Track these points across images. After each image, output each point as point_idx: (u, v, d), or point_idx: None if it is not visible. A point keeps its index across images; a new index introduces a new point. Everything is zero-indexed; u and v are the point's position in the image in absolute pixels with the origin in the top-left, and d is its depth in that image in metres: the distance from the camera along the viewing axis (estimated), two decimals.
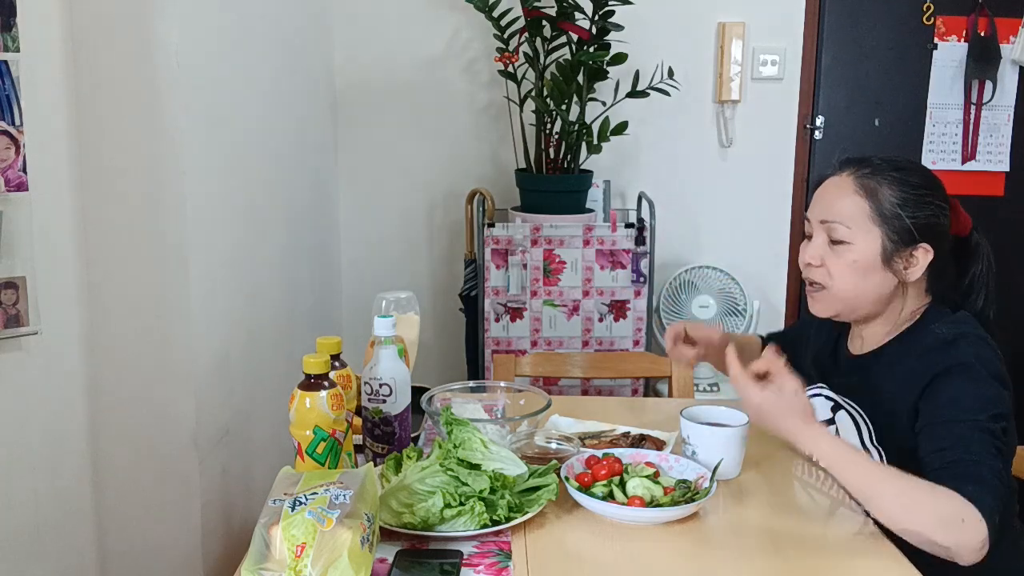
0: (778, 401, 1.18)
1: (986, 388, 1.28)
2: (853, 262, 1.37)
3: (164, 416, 1.53)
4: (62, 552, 1.42)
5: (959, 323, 1.37)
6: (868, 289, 1.38)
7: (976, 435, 1.24)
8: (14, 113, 1.23)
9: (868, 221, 1.36)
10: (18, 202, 1.25)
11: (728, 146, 3.02)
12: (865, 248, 1.36)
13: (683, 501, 1.27)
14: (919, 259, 1.37)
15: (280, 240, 2.19)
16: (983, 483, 1.18)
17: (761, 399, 1.18)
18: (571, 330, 2.64)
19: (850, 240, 1.37)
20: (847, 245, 1.37)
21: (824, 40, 2.98)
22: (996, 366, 1.31)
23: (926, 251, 1.37)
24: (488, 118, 2.99)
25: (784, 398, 1.18)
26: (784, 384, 1.18)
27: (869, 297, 1.39)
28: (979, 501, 1.15)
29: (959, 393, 1.28)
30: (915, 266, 1.38)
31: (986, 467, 1.21)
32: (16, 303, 1.26)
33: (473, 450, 1.26)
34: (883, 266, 1.37)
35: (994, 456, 1.23)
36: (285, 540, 1.00)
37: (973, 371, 1.29)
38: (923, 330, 1.39)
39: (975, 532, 1.14)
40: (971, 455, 1.22)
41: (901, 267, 1.37)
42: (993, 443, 1.24)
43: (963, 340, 1.33)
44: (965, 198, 1.37)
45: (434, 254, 3.08)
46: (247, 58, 1.92)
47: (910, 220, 1.36)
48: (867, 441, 1.40)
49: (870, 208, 1.36)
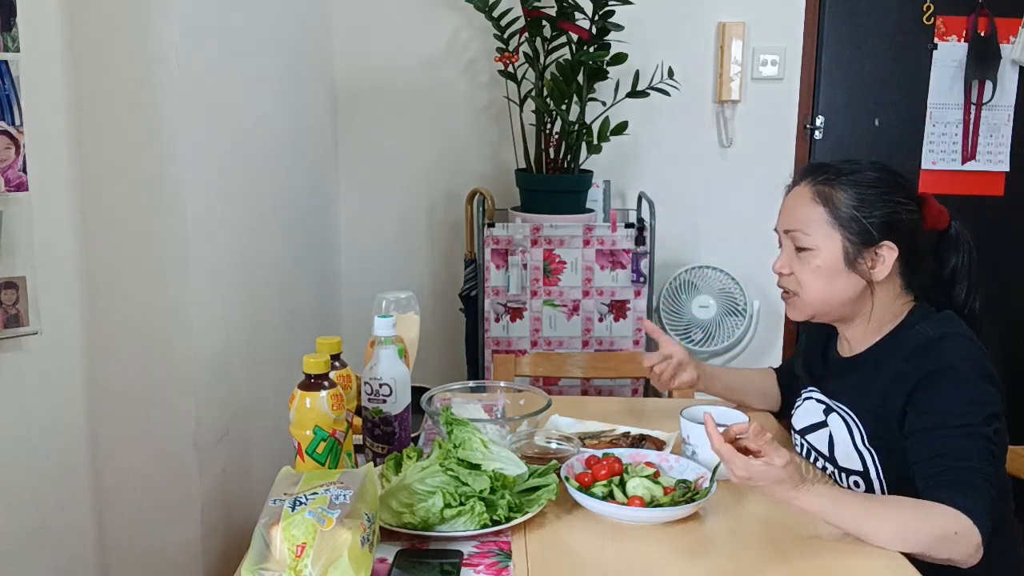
0: (767, 474, 1.18)
1: (976, 391, 1.28)
2: (817, 267, 1.40)
3: (164, 416, 1.53)
4: (62, 552, 1.42)
5: (944, 323, 1.37)
6: (836, 292, 1.40)
7: (968, 441, 1.24)
8: (14, 113, 1.23)
9: (827, 226, 1.39)
10: (18, 202, 1.25)
11: (728, 146, 3.02)
12: (827, 253, 1.39)
13: (683, 501, 1.27)
14: (884, 257, 1.38)
15: (280, 240, 2.19)
16: (975, 490, 1.20)
17: (749, 473, 1.18)
18: (571, 330, 2.64)
19: (812, 246, 1.40)
20: (811, 251, 1.40)
21: (824, 40, 2.98)
22: (984, 365, 1.31)
23: (891, 249, 1.38)
24: (488, 118, 2.99)
25: (773, 471, 1.18)
26: (774, 459, 1.18)
27: (839, 299, 1.41)
28: (971, 510, 1.17)
29: (949, 398, 1.28)
30: (881, 264, 1.38)
31: (979, 473, 1.22)
32: (16, 303, 1.26)
33: (473, 450, 1.26)
34: (847, 268, 1.38)
35: (987, 461, 1.24)
36: (285, 540, 1.00)
37: (961, 373, 1.29)
38: (908, 330, 1.40)
39: (967, 542, 1.17)
40: (963, 462, 1.23)
41: (867, 267, 1.38)
42: (986, 447, 1.25)
43: (948, 341, 1.33)
44: (965, 198, 1.37)
45: (434, 254, 3.08)
46: (247, 58, 1.92)
47: (867, 220, 1.37)
48: (859, 443, 1.40)
49: (827, 213, 1.39)
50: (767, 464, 1.17)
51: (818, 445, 1.48)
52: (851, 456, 1.41)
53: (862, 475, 1.40)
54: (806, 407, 1.53)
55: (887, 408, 1.35)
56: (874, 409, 1.38)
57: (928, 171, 3.04)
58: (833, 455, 1.44)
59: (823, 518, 1.21)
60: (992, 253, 3.08)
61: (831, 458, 1.45)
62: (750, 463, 1.17)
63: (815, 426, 1.49)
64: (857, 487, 1.41)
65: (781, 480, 1.18)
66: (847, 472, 1.42)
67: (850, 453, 1.41)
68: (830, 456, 1.45)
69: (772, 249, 1.49)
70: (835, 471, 1.45)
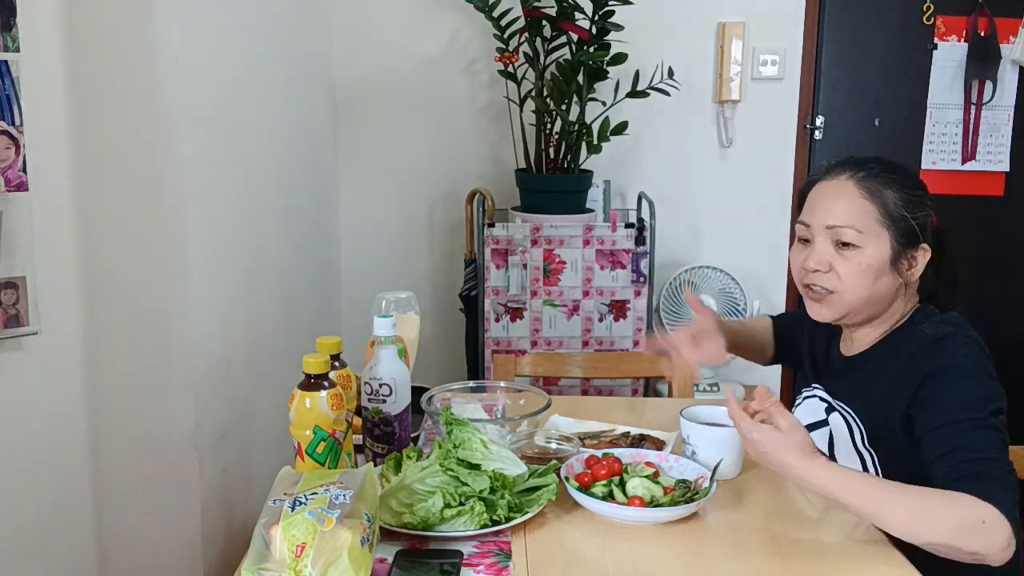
0: (775, 436, 1.18)
1: (982, 386, 1.28)
2: (866, 266, 1.35)
3: (164, 416, 1.53)
4: (62, 552, 1.42)
5: (947, 323, 1.37)
6: (877, 292, 1.38)
7: (981, 433, 1.24)
8: (14, 113, 1.23)
9: (877, 224, 1.35)
10: (18, 202, 1.25)
11: (728, 146, 3.02)
12: (875, 251, 1.35)
13: (683, 501, 1.27)
14: (919, 259, 1.38)
15: (280, 240, 2.19)
16: (996, 480, 1.17)
17: (759, 435, 1.18)
18: (571, 330, 2.64)
19: (860, 244, 1.35)
20: (857, 249, 1.36)
21: (824, 40, 2.98)
22: (986, 364, 1.31)
23: (925, 251, 1.38)
24: (488, 118, 2.98)
25: (781, 434, 1.18)
26: (779, 421, 1.18)
27: (876, 299, 1.39)
28: (996, 499, 1.14)
29: (958, 394, 1.28)
30: (916, 266, 1.38)
31: (997, 463, 1.20)
32: (16, 303, 1.26)
33: (473, 450, 1.26)
34: (891, 269, 1.37)
35: (1001, 451, 1.23)
36: (285, 540, 1.00)
37: (965, 370, 1.29)
38: (911, 330, 1.39)
39: (999, 531, 1.12)
40: (979, 453, 1.21)
41: (905, 268, 1.38)
42: (1000, 438, 1.24)
43: (951, 340, 1.33)
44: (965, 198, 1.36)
45: (434, 254, 3.08)
46: (247, 58, 1.92)
47: (914, 221, 1.36)
48: (859, 443, 1.40)
49: (878, 211, 1.35)
50: (774, 429, 1.18)
51: (818, 444, 1.48)
52: (851, 456, 1.41)
53: None
54: (808, 405, 1.53)
55: (889, 409, 1.35)
56: (875, 409, 1.38)
57: (928, 171, 3.04)
58: (833, 454, 1.44)
59: (832, 495, 1.17)
60: (992, 253, 3.10)
61: (831, 457, 1.45)
62: (760, 425, 1.18)
63: (816, 424, 1.49)
64: None
65: (789, 446, 1.17)
66: None
67: (850, 454, 1.41)
68: (830, 455, 1.45)
69: (772, 249, 1.49)
70: None
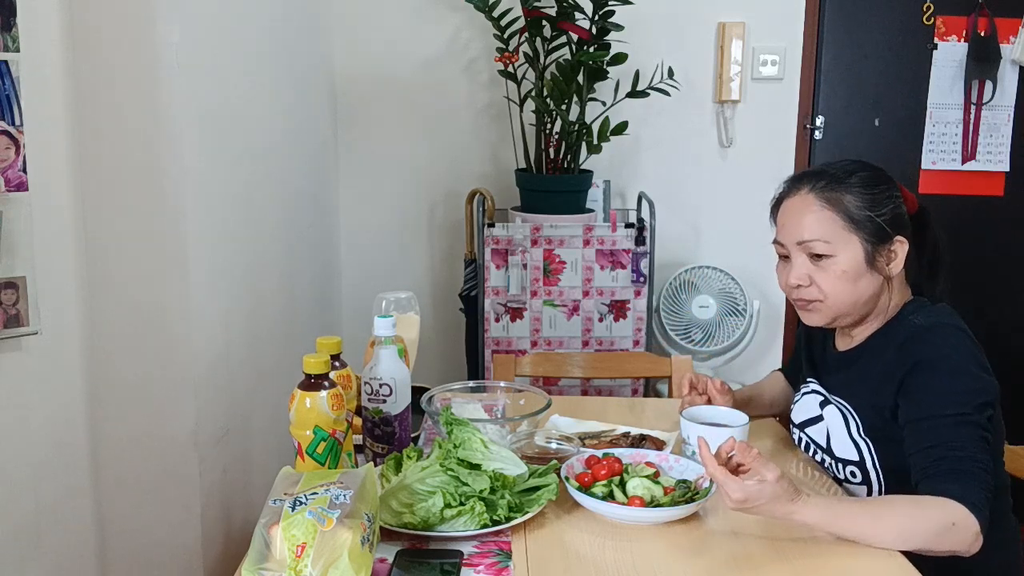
0: (763, 490, 1.17)
1: (967, 379, 1.29)
2: (842, 272, 1.38)
3: (164, 416, 1.53)
4: (62, 552, 1.42)
5: (937, 314, 1.40)
6: (861, 293, 1.40)
7: (961, 430, 1.26)
8: (14, 113, 1.23)
9: (843, 231, 1.38)
10: (18, 202, 1.25)
11: (728, 146, 3.02)
12: (848, 256, 1.38)
13: (683, 501, 1.27)
14: (897, 252, 1.40)
15: (280, 240, 2.19)
16: (970, 478, 1.22)
17: (745, 494, 1.17)
18: (571, 330, 2.64)
19: (832, 252, 1.38)
20: (830, 258, 1.39)
21: (824, 40, 2.98)
22: (975, 355, 1.32)
23: (901, 243, 1.40)
24: (488, 118, 2.99)
25: (767, 488, 1.17)
26: (765, 475, 1.18)
27: (862, 300, 1.41)
28: (967, 499, 1.19)
29: (940, 387, 1.29)
30: (896, 259, 1.41)
31: (973, 461, 1.23)
32: (16, 303, 1.26)
33: (473, 450, 1.26)
34: (868, 268, 1.39)
35: (982, 448, 1.25)
36: (285, 540, 1.00)
37: (951, 363, 1.31)
38: (902, 321, 1.42)
39: (966, 530, 1.18)
40: (958, 451, 1.24)
41: (884, 264, 1.40)
42: (980, 435, 1.26)
43: (939, 330, 1.35)
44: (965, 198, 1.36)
45: (434, 254, 3.08)
46: (247, 58, 1.92)
47: (880, 218, 1.38)
48: (855, 434, 1.42)
49: (841, 218, 1.38)
50: (760, 482, 1.17)
51: (816, 438, 1.49)
52: (847, 446, 1.42)
53: (858, 464, 1.41)
54: (805, 401, 1.54)
55: (880, 399, 1.37)
56: (868, 400, 1.40)
57: (928, 171, 3.05)
58: (830, 446, 1.46)
59: (823, 529, 1.21)
60: (992, 253, 3.10)
61: (828, 449, 1.46)
62: (744, 484, 1.17)
63: (813, 419, 1.50)
64: (854, 476, 1.42)
65: (777, 496, 1.17)
66: (843, 462, 1.43)
67: (846, 443, 1.43)
68: (827, 448, 1.46)
69: (772, 249, 1.49)
70: (832, 462, 1.46)
